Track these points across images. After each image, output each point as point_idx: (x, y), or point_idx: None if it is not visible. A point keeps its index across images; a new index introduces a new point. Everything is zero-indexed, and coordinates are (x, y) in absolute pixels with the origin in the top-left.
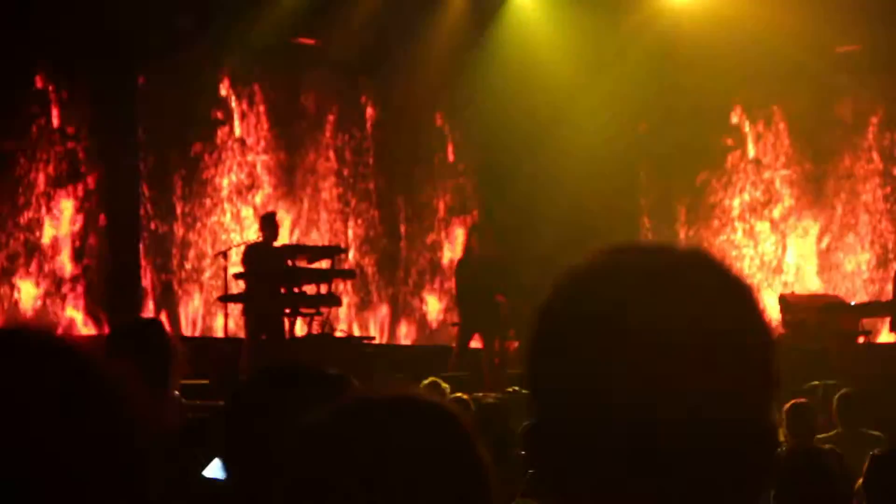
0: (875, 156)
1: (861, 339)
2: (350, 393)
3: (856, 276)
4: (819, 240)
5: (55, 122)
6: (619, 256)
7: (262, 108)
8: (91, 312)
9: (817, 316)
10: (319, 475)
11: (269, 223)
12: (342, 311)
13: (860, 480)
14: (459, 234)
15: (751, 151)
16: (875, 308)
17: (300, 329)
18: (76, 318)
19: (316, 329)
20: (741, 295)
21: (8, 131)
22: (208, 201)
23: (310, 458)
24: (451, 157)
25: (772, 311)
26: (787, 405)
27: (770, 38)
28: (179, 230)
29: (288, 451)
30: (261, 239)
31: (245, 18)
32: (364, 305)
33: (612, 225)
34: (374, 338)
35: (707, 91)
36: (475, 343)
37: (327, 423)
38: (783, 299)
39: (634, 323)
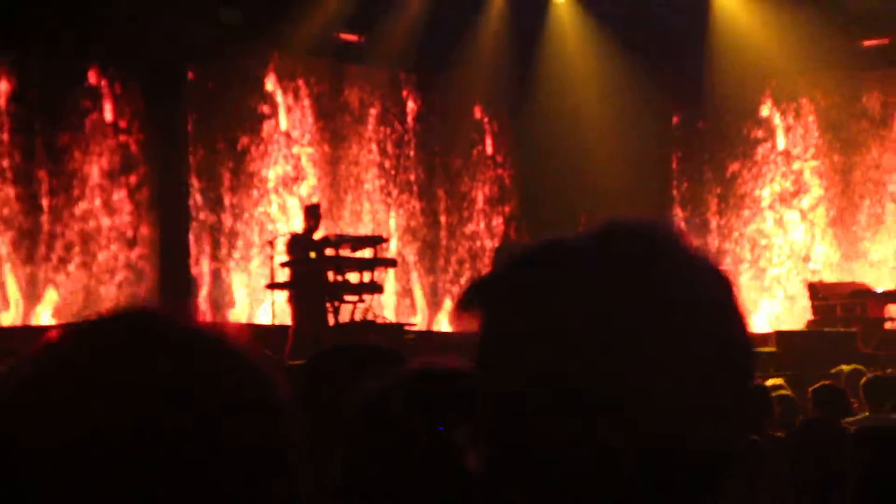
0: None
1: (887, 325)
2: (409, 366)
3: (882, 265)
4: (847, 229)
5: (108, 116)
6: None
7: (307, 103)
8: (143, 300)
9: (845, 303)
10: (377, 445)
11: (311, 214)
12: (384, 299)
13: None
14: (497, 224)
15: (780, 143)
16: None
17: (344, 316)
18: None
19: (359, 316)
20: (717, 286)
21: (63, 126)
22: (255, 192)
23: (368, 429)
24: (489, 150)
25: (801, 298)
26: (816, 386)
27: (799, 32)
28: (227, 220)
29: (351, 422)
30: (304, 230)
31: (291, 15)
32: (405, 293)
33: (645, 214)
34: (415, 325)
35: (738, 84)
36: None
37: (387, 397)
38: (812, 287)
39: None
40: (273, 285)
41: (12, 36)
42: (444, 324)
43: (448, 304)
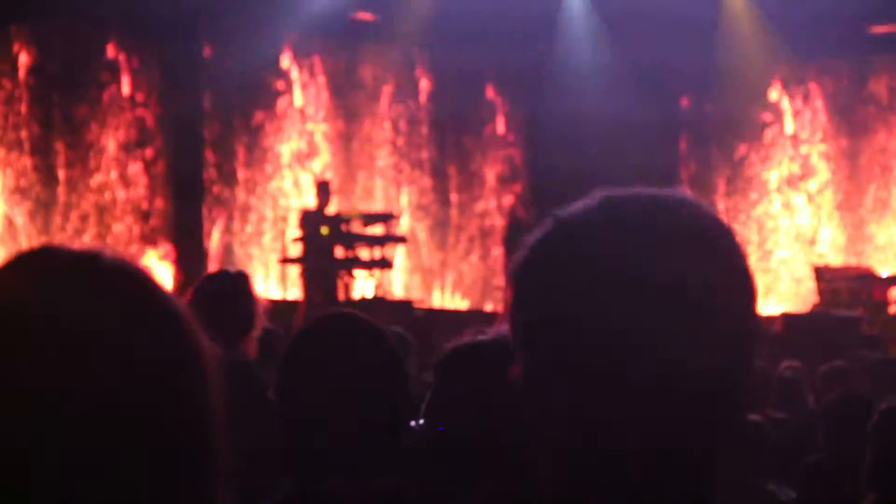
0: None
1: (892, 309)
2: None
3: (888, 248)
4: (853, 212)
5: (126, 90)
6: (607, 207)
7: (321, 80)
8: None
9: (850, 286)
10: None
11: (322, 191)
12: (396, 275)
13: None
14: (507, 202)
15: (789, 127)
16: None
17: (355, 291)
18: None
19: (370, 291)
20: (721, 242)
21: (81, 98)
22: (269, 168)
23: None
24: (501, 129)
25: (807, 281)
26: (824, 368)
27: (808, 17)
28: (241, 195)
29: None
30: (316, 205)
31: None
32: (416, 269)
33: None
34: (423, 301)
35: (747, 68)
36: None
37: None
38: (818, 270)
39: (612, 271)
40: (285, 260)
41: (32, 8)
42: (452, 301)
43: (457, 280)
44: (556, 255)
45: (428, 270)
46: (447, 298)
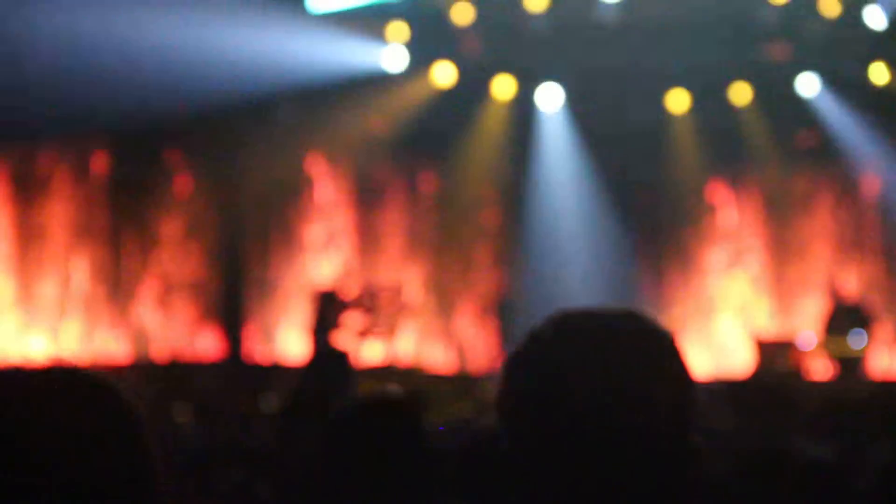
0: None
1: (808, 375)
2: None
3: (811, 319)
4: (789, 290)
5: (182, 190)
6: (564, 324)
7: (340, 182)
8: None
9: (786, 357)
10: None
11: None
12: (406, 345)
13: None
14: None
15: (725, 218)
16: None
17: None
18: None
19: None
20: (659, 350)
21: (146, 197)
22: (296, 250)
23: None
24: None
25: (745, 352)
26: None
27: (741, 126)
28: (273, 274)
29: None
30: (329, 288)
31: (335, 107)
32: (427, 338)
33: (606, 281)
34: (432, 368)
35: (687, 165)
36: None
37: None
38: (755, 342)
39: (575, 381)
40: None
41: (106, 122)
42: (462, 368)
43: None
44: (527, 367)
45: (432, 339)
46: (457, 365)
